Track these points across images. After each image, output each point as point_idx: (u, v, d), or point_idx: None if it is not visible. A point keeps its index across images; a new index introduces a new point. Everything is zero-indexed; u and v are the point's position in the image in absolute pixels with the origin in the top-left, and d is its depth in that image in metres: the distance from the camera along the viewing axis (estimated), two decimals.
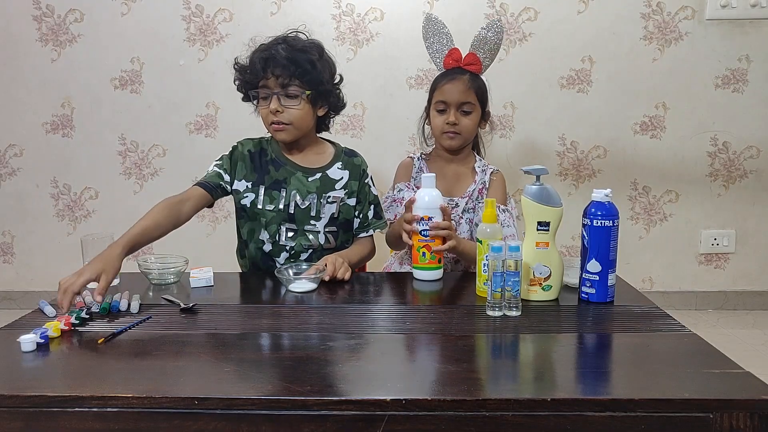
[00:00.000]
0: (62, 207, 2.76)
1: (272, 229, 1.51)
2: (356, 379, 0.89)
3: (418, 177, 1.67)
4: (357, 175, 1.56)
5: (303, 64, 1.42)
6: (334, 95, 1.54)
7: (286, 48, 1.43)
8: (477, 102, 1.60)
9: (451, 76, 1.60)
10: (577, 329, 1.07)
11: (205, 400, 0.81)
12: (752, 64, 2.56)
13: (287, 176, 1.52)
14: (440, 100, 1.60)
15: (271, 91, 1.44)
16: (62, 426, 0.82)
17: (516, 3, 2.53)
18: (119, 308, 1.19)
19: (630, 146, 2.64)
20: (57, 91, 2.66)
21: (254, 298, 1.33)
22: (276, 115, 1.44)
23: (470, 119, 1.60)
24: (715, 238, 2.70)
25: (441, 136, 1.62)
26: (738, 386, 0.83)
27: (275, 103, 1.43)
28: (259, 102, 1.48)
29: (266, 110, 1.45)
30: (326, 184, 1.53)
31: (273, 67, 1.42)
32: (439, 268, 1.37)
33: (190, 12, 2.57)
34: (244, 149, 1.55)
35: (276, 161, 1.54)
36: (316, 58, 1.45)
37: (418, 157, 1.70)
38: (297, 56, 1.42)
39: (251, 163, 1.53)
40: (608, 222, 1.16)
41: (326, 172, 1.54)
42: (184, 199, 1.46)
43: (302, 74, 1.42)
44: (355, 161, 1.58)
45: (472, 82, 1.59)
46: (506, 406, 0.80)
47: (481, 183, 1.64)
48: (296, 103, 1.45)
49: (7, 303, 2.83)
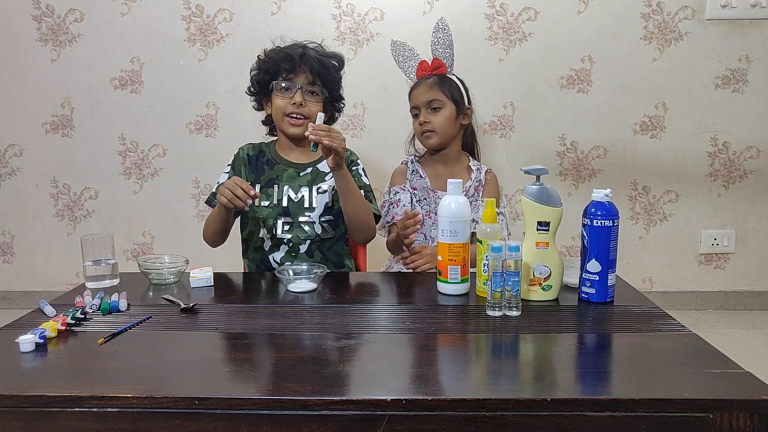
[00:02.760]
0: (62, 207, 2.76)
1: (269, 224, 1.56)
2: (357, 379, 0.89)
3: (414, 179, 1.70)
4: (345, 165, 1.58)
5: (329, 67, 1.57)
6: (338, 105, 1.67)
7: (318, 50, 1.57)
8: (446, 98, 1.65)
9: (419, 83, 1.69)
10: (577, 329, 1.07)
11: (206, 400, 0.81)
12: (752, 64, 2.56)
13: (280, 173, 1.60)
14: (412, 106, 1.70)
15: (296, 85, 1.52)
16: (62, 426, 0.82)
17: (516, 3, 2.53)
18: (119, 308, 1.19)
19: (630, 146, 2.64)
20: (57, 91, 2.66)
21: (254, 298, 1.33)
22: (298, 108, 1.52)
23: (441, 115, 1.65)
24: (715, 238, 2.70)
25: (420, 138, 1.70)
26: (738, 386, 0.83)
27: (299, 96, 1.52)
28: (278, 93, 1.54)
29: (286, 101, 1.53)
30: (317, 176, 1.60)
31: (306, 62, 1.52)
32: (465, 281, 1.28)
33: (190, 12, 2.57)
34: (244, 153, 1.63)
35: (271, 161, 1.62)
36: (338, 68, 1.60)
37: (411, 160, 1.76)
38: (324, 60, 1.56)
39: (249, 166, 1.61)
40: (608, 222, 1.16)
41: (317, 166, 1.61)
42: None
43: (327, 76, 1.56)
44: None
45: (437, 82, 1.66)
46: (506, 406, 0.80)
47: (476, 180, 1.67)
48: (317, 100, 1.56)
49: (7, 303, 2.83)
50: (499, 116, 2.61)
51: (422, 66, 1.70)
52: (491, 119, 2.61)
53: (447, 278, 1.26)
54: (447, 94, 1.65)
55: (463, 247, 1.24)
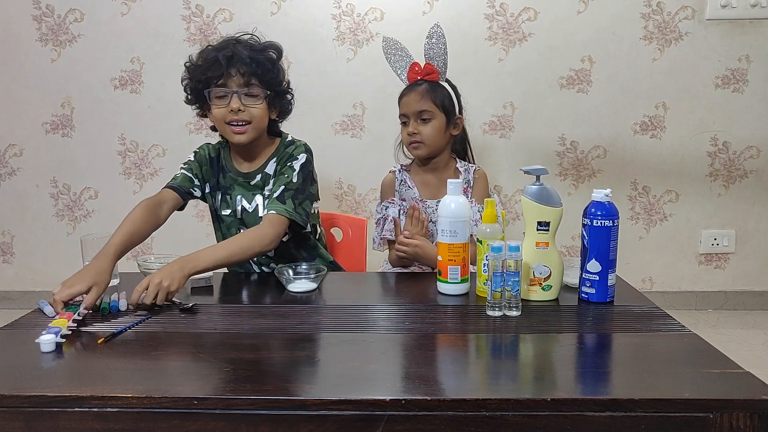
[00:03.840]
0: (62, 207, 2.76)
1: (233, 233, 1.52)
2: (356, 379, 0.88)
3: (402, 189, 1.69)
4: (283, 160, 1.51)
5: (264, 64, 1.43)
6: (286, 99, 1.53)
7: (248, 47, 1.42)
8: (436, 109, 1.62)
9: (409, 89, 1.66)
10: (577, 329, 1.07)
11: (205, 400, 0.81)
12: (752, 64, 2.56)
13: (232, 183, 1.54)
14: (401, 114, 1.67)
15: (231, 91, 1.41)
16: (62, 426, 0.82)
17: (516, 3, 2.53)
18: (119, 308, 1.19)
19: (630, 146, 2.64)
20: (57, 91, 2.66)
21: (254, 298, 1.33)
22: (237, 114, 1.41)
23: (430, 126, 1.62)
24: (715, 238, 2.70)
25: (408, 147, 1.68)
26: (738, 386, 0.83)
27: (236, 102, 1.40)
28: (214, 102, 1.44)
29: (224, 110, 1.42)
30: (265, 181, 1.52)
31: (236, 65, 1.39)
32: (465, 281, 1.28)
33: (190, 12, 2.57)
34: (205, 153, 1.56)
35: (224, 168, 1.55)
36: (275, 59, 1.46)
37: (398, 169, 1.73)
38: (258, 56, 1.42)
39: (210, 168, 1.55)
40: (608, 222, 1.16)
41: (264, 170, 1.52)
42: (161, 201, 1.47)
43: (263, 74, 1.42)
44: (287, 149, 1.52)
45: (428, 91, 1.62)
46: (506, 406, 0.80)
47: (465, 182, 1.66)
48: (257, 102, 1.43)
49: (7, 303, 2.83)
50: (499, 116, 2.61)
51: (414, 69, 1.66)
52: (491, 119, 2.61)
53: (447, 278, 1.26)
54: (438, 105, 1.61)
55: (463, 247, 1.24)
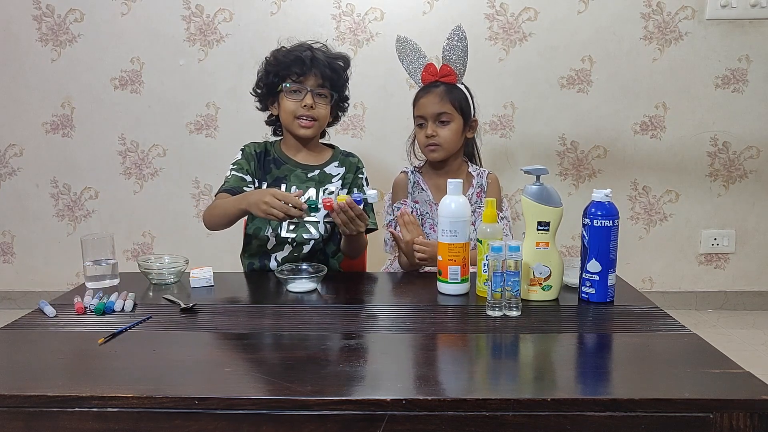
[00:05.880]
0: (62, 207, 2.76)
1: (274, 223, 1.55)
2: (356, 379, 0.89)
3: (415, 192, 1.68)
4: (352, 170, 1.64)
5: (337, 70, 1.58)
6: (344, 106, 1.67)
7: (326, 51, 1.58)
8: (455, 111, 1.61)
9: (426, 90, 1.64)
10: (577, 329, 1.08)
11: (206, 400, 0.81)
12: (752, 64, 2.56)
13: (288, 173, 1.59)
14: (418, 115, 1.65)
15: (306, 88, 1.53)
16: (62, 426, 0.82)
17: (516, 3, 2.53)
18: (113, 309, 1.19)
19: (630, 146, 2.64)
20: (57, 91, 2.65)
21: (254, 298, 1.33)
22: (308, 110, 1.53)
23: (449, 129, 1.61)
24: (715, 238, 2.70)
25: (424, 150, 1.66)
26: (738, 386, 0.83)
27: (310, 99, 1.53)
28: (288, 95, 1.55)
29: (297, 104, 1.53)
30: (324, 178, 1.61)
31: (316, 66, 1.53)
32: (465, 281, 1.28)
33: (190, 12, 2.57)
34: (251, 150, 1.62)
35: (278, 160, 1.61)
36: (344, 68, 1.60)
37: (411, 171, 1.72)
38: (332, 62, 1.57)
39: (257, 163, 1.61)
40: (608, 222, 1.16)
41: (324, 169, 1.62)
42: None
43: (335, 79, 1.57)
44: (351, 159, 1.66)
45: (446, 93, 1.61)
46: (506, 406, 0.80)
47: (478, 186, 1.65)
48: (325, 103, 1.57)
49: (7, 303, 2.83)
50: (499, 116, 2.61)
51: (430, 70, 1.64)
52: (491, 119, 2.61)
53: (447, 278, 1.26)
54: (456, 107, 1.60)
55: (463, 247, 1.24)
